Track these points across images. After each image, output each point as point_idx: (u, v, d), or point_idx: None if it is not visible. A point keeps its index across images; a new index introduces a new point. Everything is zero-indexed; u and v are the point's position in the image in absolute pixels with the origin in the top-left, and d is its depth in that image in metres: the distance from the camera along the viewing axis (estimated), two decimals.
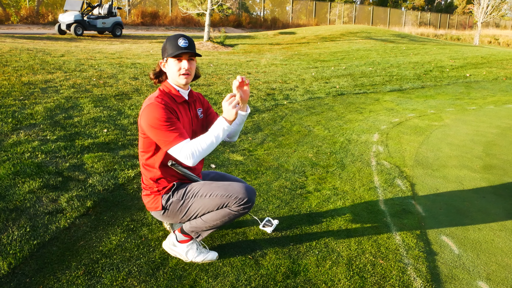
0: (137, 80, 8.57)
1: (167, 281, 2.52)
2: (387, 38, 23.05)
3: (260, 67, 12.71)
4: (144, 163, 2.60)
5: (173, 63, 2.50)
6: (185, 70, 2.48)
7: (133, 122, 5.68)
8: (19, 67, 8.50)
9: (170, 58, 2.49)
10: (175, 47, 2.45)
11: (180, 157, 2.39)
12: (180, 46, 2.45)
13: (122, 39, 18.49)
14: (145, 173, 2.62)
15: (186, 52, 2.46)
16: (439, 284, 2.71)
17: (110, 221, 3.16)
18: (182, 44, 2.44)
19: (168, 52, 2.47)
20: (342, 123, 6.95)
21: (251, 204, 2.56)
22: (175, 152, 2.39)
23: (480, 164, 5.20)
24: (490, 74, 13.61)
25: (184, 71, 2.49)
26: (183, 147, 2.37)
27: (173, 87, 2.57)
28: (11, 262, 2.55)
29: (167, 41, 2.50)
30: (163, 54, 2.53)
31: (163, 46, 2.53)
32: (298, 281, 2.62)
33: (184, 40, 2.46)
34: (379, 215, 3.63)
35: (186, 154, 2.37)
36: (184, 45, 2.46)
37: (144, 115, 2.42)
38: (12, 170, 3.78)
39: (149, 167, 2.59)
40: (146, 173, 2.62)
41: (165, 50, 2.50)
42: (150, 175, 2.59)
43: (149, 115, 2.39)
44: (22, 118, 5.27)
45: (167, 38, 2.51)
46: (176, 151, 2.38)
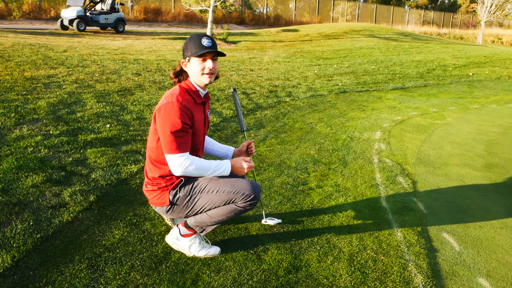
0: (139, 76, 8.58)
1: (170, 275, 2.53)
2: (390, 37, 23.00)
3: (263, 64, 12.71)
4: (155, 159, 2.58)
5: (197, 62, 2.50)
6: (209, 69, 2.50)
7: (135, 118, 5.70)
8: (22, 62, 8.52)
9: (193, 57, 2.49)
10: (198, 46, 2.45)
11: (172, 165, 2.45)
12: (204, 45, 2.46)
13: (125, 35, 18.49)
14: (154, 169, 2.60)
15: (210, 52, 2.47)
16: (439, 281, 2.72)
17: (113, 215, 3.18)
18: (206, 44, 2.46)
19: (191, 51, 2.47)
20: (345, 120, 6.95)
21: (257, 201, 2.59)
22: (170, 159, 2.44)
23: (481, 162, 5.20)
24: (493, 74, 13.59)
25: (208, 70, 2.51)
26: (179, 159, 2.43)
27: (193, 86, 2.58)
28: (15, 255, 2.57)
29: (189, 41, 2.50)
30: (185, 53, 2.52)
31: (184, 46, 2.52)
32: (300, 276, 2.64)
33: (207, 40, 2.48)
34: (381, 212, 3.64)
35: (178, 166, 2.43)
36: (208, 45, 2.47)
37: (163, 114, 2.42)
38: (15, 164, 3.80)
39: (160, 164, 2.57)
40: (154, 169, 2.60)
41: (188, 49, 2.49)
42: (160, 172, 2.58)
43: (168, 116, 2.40)
44: (25, 113, 5.29)
45: (190, 37, 2.51)
46: (172, 160, 2.44)
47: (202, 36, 2.49)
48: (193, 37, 2.50)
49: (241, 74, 10.43)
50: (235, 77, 9.89)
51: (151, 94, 7.14)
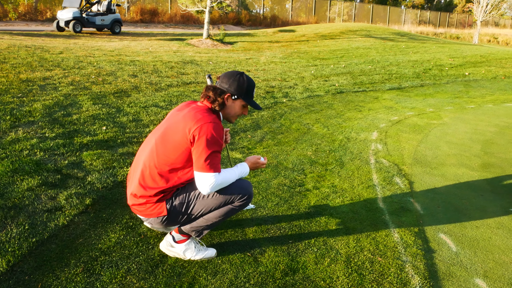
0: (136, 77, 8.56)
1: (166, 279, 2.52)
2: (386, 37, 23.04)
3: (260, 64, 12.70)
4: (167, 171, 2.47)
5: (240, 105, 2.64)
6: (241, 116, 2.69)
7: (132, 120, 5.68)
8: (17, 64, 8.48)
9: (241, 100, 2.61)
10: (251, 96, 2.65)
11: (201, 184, 2.42)
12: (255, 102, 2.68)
13: (121, 36, 18.45)
14: (159, 181, 2.47)
15: None
16: (436, 282, 2.72)
17: (109, 218, 3.16)
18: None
19: (245, 95, 2.61)
20: (341, 121, 6.95)
21: (251, 198, 2.65)
22: (203, 178, 2.40)
23: (478, 162, 5.21)
24: (489, 73, 13.62)
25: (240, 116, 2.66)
26: (212, 179, 2.41)
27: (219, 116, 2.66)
28: (10, 259, 2.55)
29: (248, 83, 2.61)
30: (237, 91, 2.58)
31: (241, 84, 2.58)
32: (297, 278, 2.63)
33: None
34: (378, 213, 3.64)
35: (209, 185, 2.42)
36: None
37: (205, 129, 2.39)
38: (10, 168, 3.78)
39: (170, 177, 2.48)
40: (160, 181, 2.47)
41: (244, 92, 2.59)
42: (167, 184, 2.48)
43: (209, 132, 2.39)
44: (20, 115, 5.27)
45: (247, 79, 2.61)
46: (205, 178, 2.40)
47: (254, 84, 2.66)
48: (251, 82, 2.63)
49: None
50: None
51: (147, 95, 7.12)
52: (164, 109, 6.36)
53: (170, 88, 7.97)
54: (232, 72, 2.62)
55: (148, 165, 2.51)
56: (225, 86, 2.57)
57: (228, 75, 2.60)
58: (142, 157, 2.59)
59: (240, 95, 2.59)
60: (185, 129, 2.42)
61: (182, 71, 9.99)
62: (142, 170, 2.52)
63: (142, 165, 2.54)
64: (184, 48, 15.66)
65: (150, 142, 2.61)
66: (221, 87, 2.58)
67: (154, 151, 2.52)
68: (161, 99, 6.99)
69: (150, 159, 2.51)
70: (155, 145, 2.53)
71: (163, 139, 2.51)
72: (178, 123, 2.49)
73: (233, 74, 2.60)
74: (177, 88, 7.99)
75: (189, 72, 9.94)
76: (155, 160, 2.49)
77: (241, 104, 2.63)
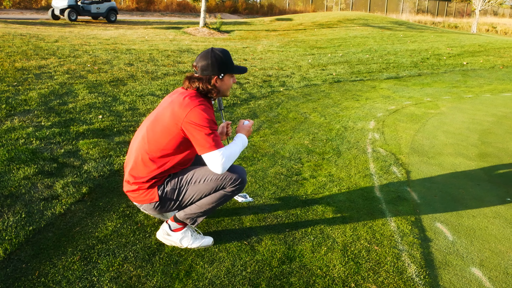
0: (132, 66, 8.51)
1: (163, 267, 2.53)
2: (384, 25, 22.94)
3: (257, 53, 12.64)
4: (159, 156, 2.49)
5: (229, 79, 2.65)
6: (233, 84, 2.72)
7: (128, 109, 5.65)
8: (12, 52, 8.41)
9: (228, 74, 2.63)
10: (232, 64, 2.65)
11: (212, 164, 2.42)
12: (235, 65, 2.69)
13: (117, 24, 18.30)
14: (151, 166, 2.49)
15: None
16: (433, 270, 2.73)
17: (105, 207, 3.15)
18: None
19: (229, 67, 2.61)
20: (339, 110, 6.94)
21: (244, 183, 2.63)
22: (209, 158, 2.41)
23: (475, 152, 5.22)
24: (487, 63, 13.61)
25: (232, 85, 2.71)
26: (218, 156, 2.40)
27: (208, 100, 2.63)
28: (7, 248, 2.54)
29: (225, 56, 2.59)
30: (221, 70, 2.57)
31: (219, 61, 2.55)
32: (294, 267, 2.64)
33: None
34: (375, 202, 3.65)
35: (219, 164, 2.41)
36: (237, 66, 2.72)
37: (194, 113, 2.40)
38: (6, 156, 3.76)
39: (161, 163, 2.49)
40: (151, 166, 2.49)
41: (225, 66, 2.58)
42: (158, 169, 2.49)
43: (201, 114, 2.40)
44: (16, 104, 5.23)
45: (223, 54, 2.58)
46: (211, 158, 2.40)
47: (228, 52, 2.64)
48: (225, 52, 2.61)
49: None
50: None
51: (143, 84, 7.08)
52: (160, 98, 6.33)
53: (167, 76, 7.93)
54: (204, 53, 2.58)
55: (140, 151, 2.53)
56: (207, 71, 2.55)
57: (202, 57, 2.56)
58: (135, 144, 2.62)
59: (224, 71, 2.59)
60: (174, 115, 2.44)
61: (179, 60, 9.93)
62: (135, 157, 2.55)
63: (135, 152, 2.57)
64: (181, 36, 15.56)
65: (142, 129, 2.64)
66: (204, 74, 2.56)
67: (145, 137, 2.54)
68: (157, 87, 6.95)
69: (142, 145, 2.54)
70: (147, 131, 2.55)
71: (153, 125, 2.54)
72: (166, 109, 2.52)
73: (206, 55, 2.56)
74: (173, 77, 7.95)
75: (186, 61, 9.89)
76: (146, 146, 2.52)
77: (229, 77, 2.66)
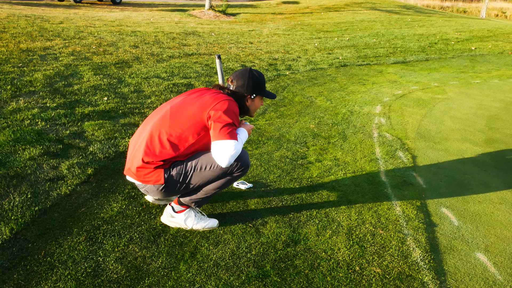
0: (137, 48, 8.46)
1: (168, 248, 2.53)
2: (392, 9, 22.64)
3: (263, 36, 12.52)
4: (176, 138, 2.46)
5: (259, 100, 2.79)
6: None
7: (133, 91, 5.63)
8: (17, 33, 8.38)
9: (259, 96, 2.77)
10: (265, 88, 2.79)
11: (221, 153, 2.41)
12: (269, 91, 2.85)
13: (122, 6, 18.17)
14: (165, 146, 2.44)
15: None
16: (437, 255, 2.72)
17: (111, 188, 3.16)
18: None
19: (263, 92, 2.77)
20: (345, 94, 6.88)
21: (249, 167, 2.65)
22: (220, 146, 2.40)
23: (482, 137, 5.18)
24: (496, 48, 13.42)
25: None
26: (231, 146, 2.40)
27: None
28: (13, 227, 2.56)
29: (260, 78, 2.73)
30: (255, 91, 2.71)
31: (255, 82, 2.69)
32: (298, 250, 2.64)
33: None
34: (380, 186, 3.63)
35: (228, 155, 2.41)
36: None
37: (223, 104, 2.48)
38: (12, 137, 3.76)
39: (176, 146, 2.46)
40: (166, 146, 2.44)
41: (260, 88, 2.73)
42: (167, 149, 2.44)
43: (229, 106, 2.49)
44: (21, 85, 5.22)
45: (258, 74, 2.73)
46: (222, 146, 2.40)
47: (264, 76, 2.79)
48: (261, 75, 2.75)
49: (240, 47, 10.29)
50: (234, 49, 9.76)
51: (148, 66, 7.05)
52: (165, 80, 6.29)
53: (172, 59, 7.88)
54: (242, 72, 2.70)
55: (157, 131, 2.49)
56: (242, 88, 2.67)
57: (239, 76, 2.69)
58: (151, 122, 2.57)
59: (257, 92, 2.73)
60: (203, 102, 2.52)
61: (184, 42, 9.86)
62: (150, 135, 2.49)
63: (150, 130, 2.51)
64: (186, 19, 15.43)
65: (163, 108, 2.63)
66: (238, 90, 2.67)
67: (167, 117, 2.53)
68: (162, 70, 6.91)
69: (161, 123, 2.51)
70: (170, 111, 2.55)
71: (180, 106, 2.56)
72: (196, 96, 2.60)
73: (244, 74, 2.68)
74: (179, 60, 7.90)
75: (191, 44, 9.82)
76: (167, 125, 2.49)
77: (259, 99, 2.79)
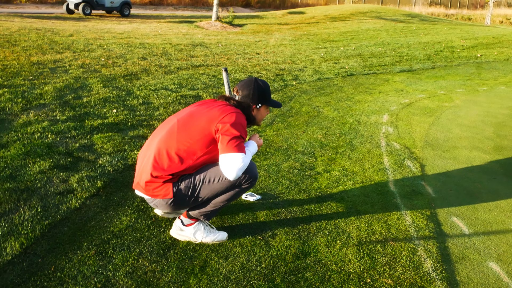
0: (145, 60, 8.53)
1: (178, 262, 2.53)
2: (397, 18, 22.66)
3: (269, 47, 12.59)
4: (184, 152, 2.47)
5: (265, 110, 2.81)
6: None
7: (142, 103, 5.67)
8: (28, 46, 8.49)
9: (265, 106, 2.79)
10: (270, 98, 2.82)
11: (229, 166, 2.40)
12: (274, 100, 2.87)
13: (130, 18, 18.36)
14: (174, 160, 2.45)
15: None
16: (449, 265, 2.70)
17: (120, 201, 3.17)
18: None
19: (269, 101, 2.80)
20: (352, 104, 6.88)
21: (257, 178, 2.67)
22: (228, 159, 2.40)
23: (490, 145, 5.14)
24: (502, 55, 13.37)
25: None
26: (239, 159, 2.41)
27: None
28: (23, 242, 2.57)
29: (266, 88, 2.75)
30: (260, 101, 2.73)
31: (261, 92, 2.72)
32: (309, 262, 2.63)
33: None
34: (389, 196, 3.61)
35: (235, 168, 2.40)
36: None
37: (230, 117, 2.50)
38: (22, 150, 3.80)
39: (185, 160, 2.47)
40: (174, 160, 2.45)
41: (265, 97, 2.75)
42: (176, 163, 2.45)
43: (236, 119, 2.50)
44: (31, 98, 5.28)
45: (264, 85, 2.76)
46: (230, 159, 2.40)
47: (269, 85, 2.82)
48: (266, 85, 2.78)
49: (247, 57, 10.34)
50: (241, 60, 9.81)
51: (157, 78, 7.10)
52: (174, 92, 6.34)
53: (180, 71, 7.94)
54: (247, 82, 2.73)
55: (165, 145, 2.50)
56: (248, 98, 2.70)
57: (244, 85, 2.71)
58: (158, 136, 2.59)
59: (263, 102, 2.75)
60: (211, 115, 2.53)
61: (192, 54, 9.93)
62: (158, 149, 2.50)
63: (157, 144, 2.53)
64: (193, 30, 15.56)
65: (170, 122, 2.65)
66: (243, 100, 2.70)
67: (175, 130, 2.54)
68: (170, 82, 6.96)
69: (168, 137, 2.53)
70: (177, 124, 2.57)
71: (187, 120, 2.57)
72: (203, 108, 2.61)
73: (249, 84, 2.71)
74: (186, 71, 7.96)
75: (199, 55, 9.89)
76: (174, 138, 2.51)
77: (265, 108, 2.81)
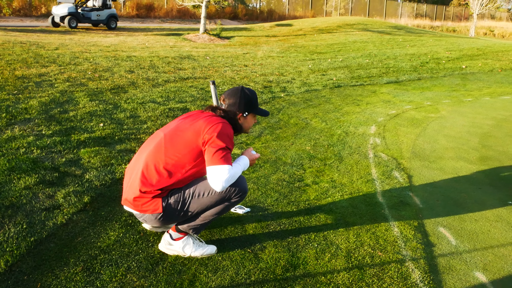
0: (133, 73, 8.52)
1: (167, 276, 2.51)
2: (383, 30, 22.99)
3: (257, 59, 12.66)
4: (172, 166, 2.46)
5: (251, 118, 2.81)
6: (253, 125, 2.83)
7: (129, 116, 5.65)
8: (12, 60, 8.42)
9: (251, 114, 2.78)
10: (257, 106, 2.81)
11: (215, 178, 2.39)
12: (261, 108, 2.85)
13: (117, 31, 18.35)
14: (162, 175, 2.44)
15: None
16: (437, 275, 2.72)
17: (108, 216, 3.14)
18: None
19: (256, 109, 2.78)
20: (339, 115, 6.94)
21: (246, 192, 2.66)
22: (214, 171, 2.38)
23: (476, 155, 5.21)
24: (486, 66, 13.62)
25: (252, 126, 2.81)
26: (225, 171, 2.39)
27: None
28: (8, 259, 2.53)
29: (252, 97, 2.75)
30: (247, 109, 2.72)
31: (247, 100, 2.71)
32: (298, 274, 2.62)
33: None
34: (377, 207, 3.63)
35: (222, 180, 2.39)
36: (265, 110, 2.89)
37: (216, 127, 2.48)
38: (7, 166, 3.75)
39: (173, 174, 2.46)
40: (163, 175, 2.44)
41: (251, 106, 2.74)
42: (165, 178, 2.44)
43: (222, 129, 2.48)
44: (16, 113, 5.23)
45: (251, 94, 2.75)
46: (216, 171, 2.38)
47: (256, 93, 2.81)
48: (253, 93, 2.77)
49: (235, 69, 10.39)
50: (229, 73, 9.85)
51: (144, 91, 7.09)
52: (161, 105, 6.33)
53: (167, 83, 7.94)
54: (234, 90, 2.74)
55: (153, 159, 2.49)
56: (234, 107, 2.69)
57: (231, 94, 2.72)
58: (146, 151, 2.57)
59: (249, 110, 2.74)
60: (197, 127, 2.51)
61: (179, 67, 9.94)
62: (146, 164, 2.49)
63: (145, 159, 2.51)
64: (181, 43, 15.59)
65: (157, 136, 2.63)
66: (230, 109, 2.69)
67: (162, 145, 2.52)
68: (158, 95, 6.95)
69: (156, 152, 2.51)
70: (164, 139, 2.55)
71: (174, 133, 2.55)
72: (189, 121, 2.58)
73: (235, 92, 2.71)
74: (174, 84, 7.96)
75: (186, 67, 9.90)
76: (162, 153, 2.49)
77: (252, 116, 2.81)
